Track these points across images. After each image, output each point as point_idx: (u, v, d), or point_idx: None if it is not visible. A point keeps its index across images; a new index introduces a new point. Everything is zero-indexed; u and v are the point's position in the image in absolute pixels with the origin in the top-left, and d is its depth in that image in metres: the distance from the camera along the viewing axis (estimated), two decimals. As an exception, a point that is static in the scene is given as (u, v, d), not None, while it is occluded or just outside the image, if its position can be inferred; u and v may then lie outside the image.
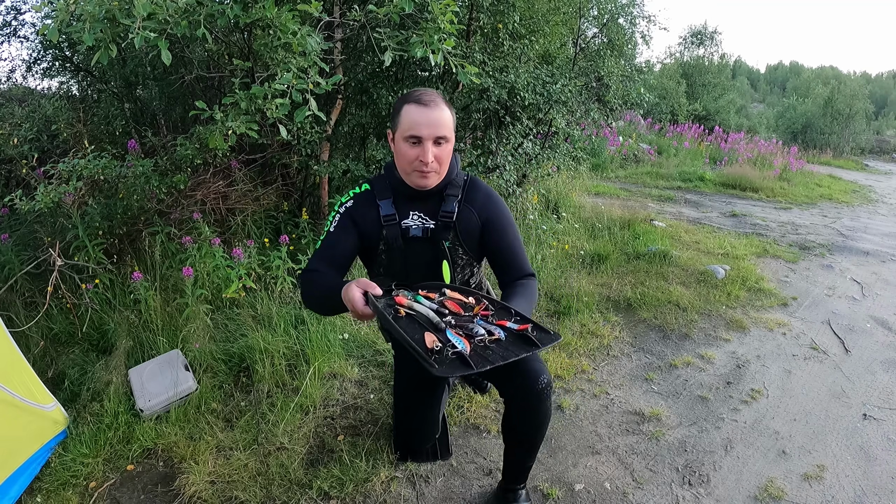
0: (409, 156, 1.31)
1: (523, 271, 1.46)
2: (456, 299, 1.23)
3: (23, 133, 3.25)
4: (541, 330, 1.09)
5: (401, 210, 1.42)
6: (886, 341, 2.94)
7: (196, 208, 2.80)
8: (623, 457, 1.94)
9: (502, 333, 1.06)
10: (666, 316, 3.04)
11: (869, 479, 1.88)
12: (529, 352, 1.02)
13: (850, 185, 8.86)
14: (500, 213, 1.46)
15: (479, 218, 1.44)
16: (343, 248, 1.43)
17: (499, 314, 1.17)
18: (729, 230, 5.06)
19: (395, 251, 1.43)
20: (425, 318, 1.10)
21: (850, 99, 13.43)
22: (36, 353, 2.17)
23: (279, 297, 2.67)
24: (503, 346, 1.03)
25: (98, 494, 1.68)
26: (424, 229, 1.42)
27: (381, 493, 1.71)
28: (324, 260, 1.42)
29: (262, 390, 2.15)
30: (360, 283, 1.19)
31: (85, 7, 1.71)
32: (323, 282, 1.35)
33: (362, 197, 1.45)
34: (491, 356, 0.99)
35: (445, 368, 0.95)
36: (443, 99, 1.33)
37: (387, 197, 1.42)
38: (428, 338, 1.02)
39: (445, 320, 1.10)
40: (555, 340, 1.08)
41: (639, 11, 5.20)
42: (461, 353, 0.97)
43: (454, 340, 1.00)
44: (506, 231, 1.46)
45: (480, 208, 1.44)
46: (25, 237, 2.89)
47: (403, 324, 1.09)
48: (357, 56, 3.16)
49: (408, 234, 1.41)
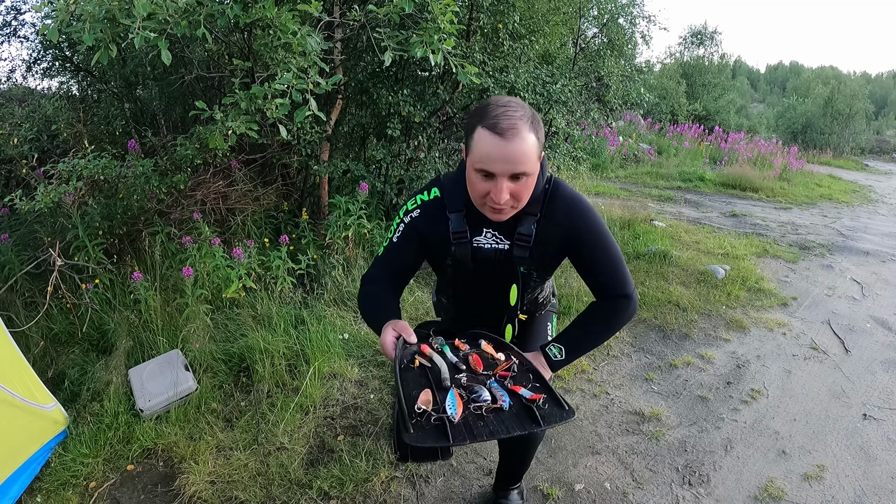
0: (480, 190, 1.11)
1: (614, 291, 1.26)
2: (485, 354, 1.17)
3: (23, 133, 3.25)
4: (554, 403, 0.99)
5: (473, 225, 1.24)
6: (886, 341, 2.94)
7: (196, 208, 2.80)
8: (623, 457, 1.94)
9: (507, 402, 0.97)
10: (666, 316, 3.04)
11: (869, 479, 1.88)
12: (525, 432, 0.93)
13: (850, 185, 8.85)
14: (586, 227, 1.23)
15: (560, 235, 1.23)
16: (405, 261, 1.32)
17: (519, 377, 1.09)
18: (729, 230, 5.06)
19: (463, 269, 1.30)
20: (437, 373, 1.05)
21: (850, 99, 13.43)
22: (36, 353, 2.17)
23: (279, 297, 2.67)
24: (501, 417, 0.95)
25: (98, 494, 1.68)
26: (497, 251, 1.25)
27: (381, 493, 1.71)
28: (384, 268, 1.33)
29: (262, 390, 2.15)
30: (398, 326, 1.13)
31: (85, 7, 1.71)
32: (376, 303, 1.28)
33: (430, 207, 1.27)
34: (479, 429, 0.92)
35: (419, 436, 0.89)
36: (527, 121, 1.07)
37: (458, 210, 1.23)
38: (423, 396, 0.96)
39: (457, 378, 1.04)
40: (563, 420, 0.96)
41: (639, 11, 5.21)
42: (447, 421, 0.91)
43: (448, 404, 0.94)
44: (593, 248, 1.24)
45: (562, 224, 1.22)
46: (25, 237, 2.89)
47: (412, 375, 1.06)
48: (357, 56, 3.16)
49: (478, 254, 1.26)
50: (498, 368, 1.10)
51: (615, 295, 1.27)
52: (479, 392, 0.98)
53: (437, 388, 1.01)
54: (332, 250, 2.99)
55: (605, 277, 1.26)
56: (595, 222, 1.24)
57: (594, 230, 1.24)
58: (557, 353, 1.22)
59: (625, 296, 1.26)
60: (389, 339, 1.11)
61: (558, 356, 1.22)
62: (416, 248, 1.30)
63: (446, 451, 1.93)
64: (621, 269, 1.26)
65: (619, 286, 1.26)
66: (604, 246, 1.24)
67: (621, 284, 1.26)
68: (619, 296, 1.27)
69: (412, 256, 1.31)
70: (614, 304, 1.27)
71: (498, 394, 0.99)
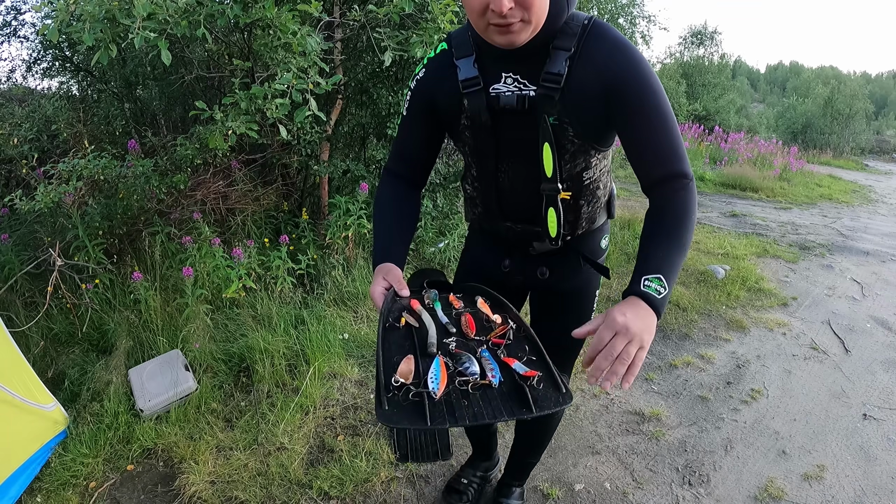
0: (474, 6, 0.87)
1: (671, 168, 0.95)
2: (480, 314, 1.01)
3: (23, 133, 3.25)
4: (550, 383, 0.83)
5: (488, 71, 1.00)
6: (886, 341, 2.94)
7: (196, 208, 2.80)
8: (623, 457, 1.94)
9: (497, 379, 0.82)
10: (666, 316, 3.04)
11: (869, 479, 1.88)
12: (512, 417, 0.78)
13: (850, 185, 8.86)
14: (634, 75, 0.93)
15: (601, 82, 0.94)
16: (415, 140, 1.14)
17: (514, 346, 0.93)
18: (729, 230, 5.06)
19: (482, 128, 1.03)
20: (424, 336, 0.92)
21: (850, 99, 13.44)
22: (36, 353, 2.17)
23: (279, 297, 2.67)
24: (488, 397, 0.80)
25: (98, 494, 1.68)
26: (520, 98, 0.98)
27: (381, 493, 1.71)
28: (396, 157, 1.17)
29: (262, 390, 2.15)
30: (391, 275, 1.01)
31: (85, 7, 1.71)
32: (383, 219, 1.13)
33: (436, 61, 1.06)
34: (462, 410, 0.77)
35: (392, 413, 0.76)
36: None
37: (467, 54, 1.01)
38: (404, 366, 0.84)
39: (445, 343, 0.91)
40: (558, 406, 0.80)
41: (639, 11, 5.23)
42: (426, 397, 0.78)
43: (431, 377, 0.81)
44: (642, 105, 0.94)
45: (604, 67, 0.93)
46: (25, 237, 2.89)
47: (396, 337, 0.93)
48: (357, 56, 3.15)
49: (497, 104, 1.00)
50: (492, 334, 0.95)
51: (672, 174, 0.95)
52: (468, 364, 0.84)
53: (421, 353, 0.89)
54: (332, 250, 2.99)
55: (657, 149, 0.95)
56: (647, 73, 0.94)
57: (645, 82, 0.94)
58: (660, 287, 0.85)
59: (684, 175, 0.95)
60: (379, 290, 1.00)
61: (662, 290, 0.85)
62: (427, 116, 1.10)
63: (446, 451, 1.93)
64: (678, 141, 0.96)
65: (676, 161, 0.95)
66: (657, 106, 0.94)
67: (679, 160, 0.95)
68: (677, 175, 0.95)
69: (422, 130, 1.12)
70: (674, 190, 0.95)
71: (488, 366, 0.85)
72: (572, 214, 1.11)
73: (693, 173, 0.97)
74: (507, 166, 1.07)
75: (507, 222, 1.13)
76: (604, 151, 1.06)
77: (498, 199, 1.11)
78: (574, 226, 1.13)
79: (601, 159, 1.08)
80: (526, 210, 1.09)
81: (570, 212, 1.10)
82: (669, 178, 0.95)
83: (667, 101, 0.96)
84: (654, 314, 0.83)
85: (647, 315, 0.82)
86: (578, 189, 1.08)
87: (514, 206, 1.11)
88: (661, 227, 0.94)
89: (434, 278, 1.16)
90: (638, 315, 0.81)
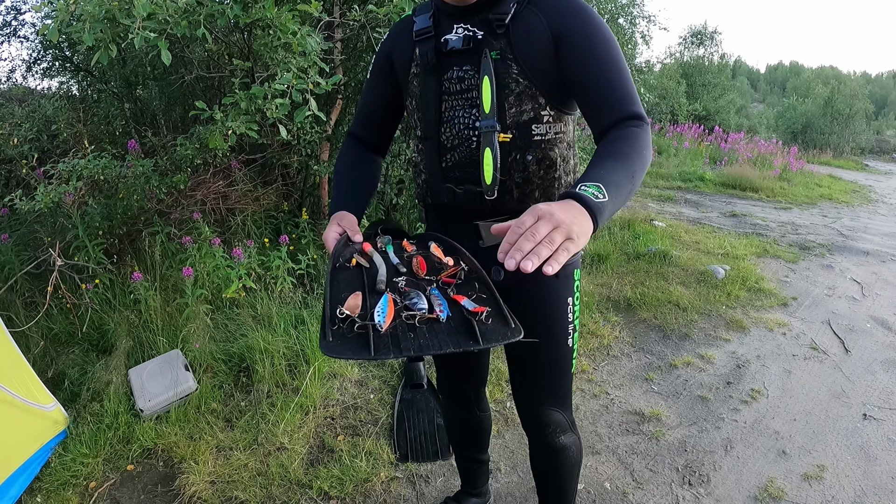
0: None
1: (622, 112, 0.92)
2: (432, 257, 0.99)
3: (23, 133, 3.25)
4: (500, 318, 0.80)
5: (442, 25, 1.03)
6: (886, 341, 2.94)
7: (196, 208, 2.81)
8: (623, 457, 1.94)
9: (445, 313, 0.80)
10: (666, 316, 3.04)
11: (869, 479, 1.88)
12: (459, 349, 0.74)
13: (850, 185, 8.85)
14: (584, 20, 0.94)
15: (549, 24, 0.94)
16: (374, 101, 1.16)
17: (465, 286, 0.90)
18: (729, 230, 5.06)
19: (428, 71, 1.04)
20: (373, 275, 0.91)
21: (850, 99, 13.44)
22: (36, 353, 2.17)
23: (279, 297, 2.67)
24: (435, 330, 0.77)
25: (98, 494, 1.68)
26: (466, 38, 0.99)
27: (381, 493, 1.71)
28: (357, 120, 1.19)
29: (262, 390, 2.15)
30: (345, 221, 1.02)
31: (85, 7, 1.71)
32: (340, 178, 1.14)
33: (398, 24, 1.12)
34: (407, 342, 0.74)
35: (336, 345, 0.73)
36: None
37: (424, 12, 1.06)
38: (351, 300, 0.81)
39: (394, 282, 0.90)
40: (506, 339, 0.76)
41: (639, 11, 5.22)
42: (371, 329, 0.76)
43: (377, 310, 0.79)
44: (592, 48, 0.93)
45: (553, 11, 0.95)
46: (25, 237, 2.89)
47: (345, 276, 0.91)
48: (357, 56, 3.15)
49: (445, 48, 1.01)
50: (443, 274, 0.93)
51: (624, 116, 0.91)
52: (416, 299, 0.82)
53: (369, 291, 0.87)
54: (332, 250, 2.99)
55: (609, 92, 0.92)
56: (595, 19, 0.95)
57: (593, 27, 0.94)
58: (598, 193, 0.76)
59: (636, 115, 0.91)
60: (332, 234, 1.00)
61: (599, 196, 0.75)
62: (387, 77, 1.13)
63: (446, 451, 1.93)
64: (629, 85, 0.93)
65: (628, 103, 0.92)
66: (606, 50, 0.93)
67: (631, 101, 0.92)
68: (630, 116, 0.91)
69: (385, 89, 1.14)
70: (627, 128, 0.90)
71: (437, 302, 0.82)
72: (520, 172, 1.02)
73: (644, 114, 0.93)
74: (449, 114, 1.04)
75: (449, 183, 1.07)
76: (558, 112, 1.02)
77: (439, 155, 1.07)
78: (524, 190, 1.04)
79: (555, 120, 1.02)
80: (466, 162, 1.04)
81: (518, 168, 1.02)
82: (622, 120, 0.91)
83: (618, 48, 0.94)
84: (588, 216, 0.72)
85: (579, 213, 0.71)
86: (526, 142, 1.01)
87: (454, 160, 1.05)
88: (607, 151, 0.88)
89: (389, 225, 1.14)
90: (568, 210, 0.71)
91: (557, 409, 1.17)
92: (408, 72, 1.08)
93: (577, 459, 1.25)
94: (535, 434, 1.22)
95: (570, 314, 1.12)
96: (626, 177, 0.83)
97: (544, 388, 1.16)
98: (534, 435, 1.23)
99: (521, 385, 1.19)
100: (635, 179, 0.85)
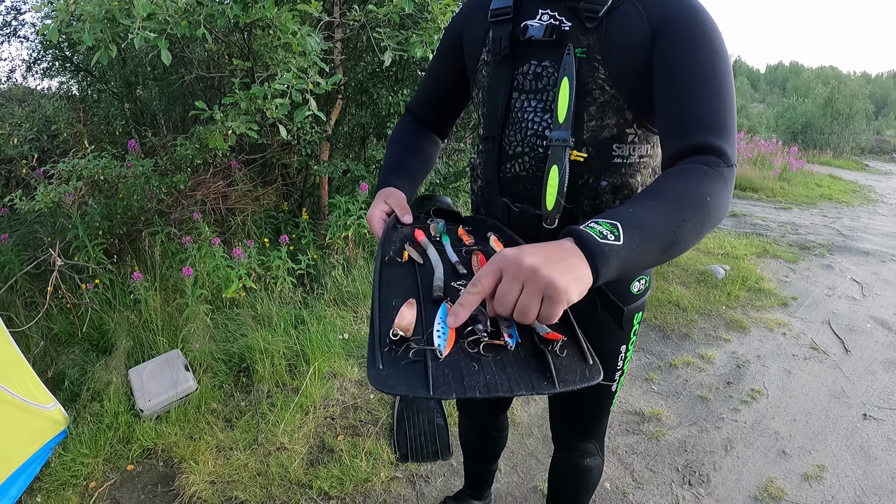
0: None
1: (699, 139, 0.70)
2: (493, 253, 0.81)
3: (23, 133, 3.25)
4: (576, 351, 0.63)
5: (526, 6, 0.85)
6: (886, 341, 2.94)
7: (196, 208, 2.81)
8: (623, 457, 1.94)
9: (514, 340, 0.62)
10: (666, 316, 3.04)
11: (869, 479, 1.88)
12: (530, 392, 0.57)
13: (850, 185, 8.86)
14: (692, 19, 0.74)
15: (648, 24, 0.76)
16: (439, 80, 1.03)
17: None
18: (729, 230, 5.06)
19: (500, 61, 0.87)
20: (429, 276, 0.75)
21: (850, 99, 13.45)
22: (36, 353, 2.17)
23: (279, 297, 2.67)
24: (503, 363, 0.60)
25: (98, 494, 1.68)
26: (550, 28, 0.81)
27: (381, 493, 1.71)
28: (418, 97, 1.07)
29: (262, 390, 2.15)
30: (392, 199, 0.88)
31: (85, 7, 1.71)
32: (392, 150, 1.02)
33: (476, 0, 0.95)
34: (472, 378, 0.58)
35: (388, 377, 0.57)
36: None
37: None
38: (406, 314, 0.65)
39: (453, 286, 0.72)
40: (584, 382, 0.59)
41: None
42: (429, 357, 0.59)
43: (437, 330, 0.62)
44: (691, 50, 0.73)
45: (655, 9, 0.76)
46: (25, 237, 2.89)
47: (396, 274, 0.76)
48: (357, 56, 3.16)
49: (523, 36, 0.84)
50: None
51: (698, 144, 0.70)
52: (478, 317, 0.64)
53: (425, 297, 0.71)
54: (332, 250, 2.99)
55: (691, 103, 0.72)
56: (704, 16, 0.75)
57: (700, 22, 0.74)
58: (607, 232, 0.58)
59: (716, 150, 0.69)
60: (378, 213, 0.86)
61: (609, 236, 0.57)
62: (454, 56, 0.98)
63: (446, 451, 1.93)
64: (721, 105, 0.71)
65: (710, 128, 0.70)
66: (707, 51, 0.73)
67: (715, 128, 0.70)
68: (706, 147, 0.70)
69: (451, 67, 0.99)
70: (695, 163, 0.69)
71: (503, 323, 0.64)
72: (590, 200, 0.85)
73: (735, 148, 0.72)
74: (517, 115, 0.87)
75: (505, 197, 0.92)
76: (646, 131, 0.84)
77: (498, 162, 0.92)
78: None
79: (642, 141, 0.84)
80: (528, 176, 0.88)
81: (589, 195, 0.85)
82: (696, 151, 0.70)
83: (727, 63, 0.74)
84: (584, 261, 0.55)
85: (567, 256, 0.55)
86: (604, 163, 0.84)
87: (514, 170, 0.90)
88: (655, 186, 0.67)
89: (441, 205, 0.97)
90: (551, 252, 0.55)
91: (592, 441, 1.16)
92: (477, 58, 0.92)
93: (597, 479, 1.21)
94: (561, 453, 1.21)
95: (620, 360, 1.01)
96: (667, 223, 0.62)
97: (581, 423, 1.12)
98: (560, 454, 1.22)
99: (558, 415, 1.17)
100: (682, 231, 0.62)
